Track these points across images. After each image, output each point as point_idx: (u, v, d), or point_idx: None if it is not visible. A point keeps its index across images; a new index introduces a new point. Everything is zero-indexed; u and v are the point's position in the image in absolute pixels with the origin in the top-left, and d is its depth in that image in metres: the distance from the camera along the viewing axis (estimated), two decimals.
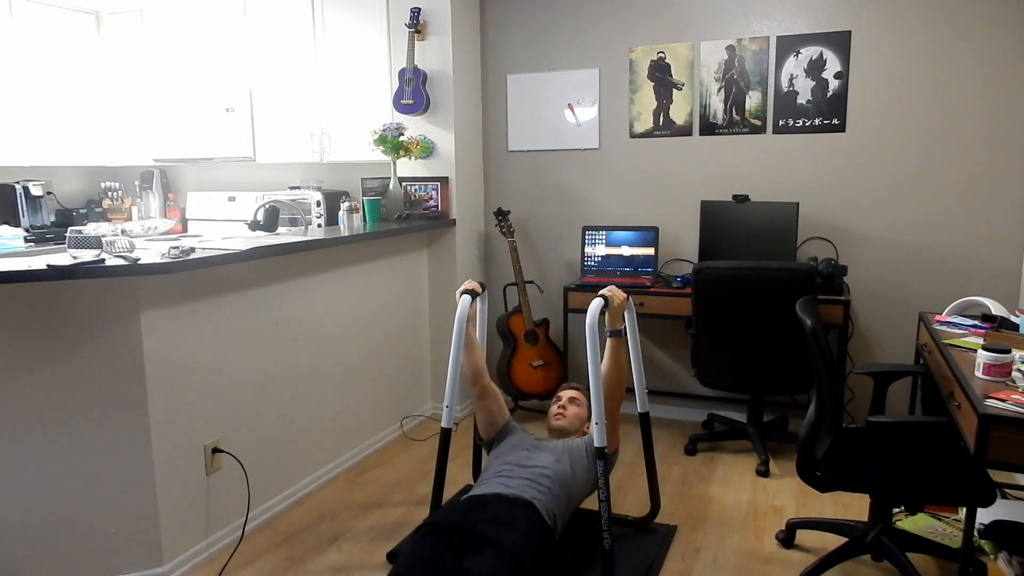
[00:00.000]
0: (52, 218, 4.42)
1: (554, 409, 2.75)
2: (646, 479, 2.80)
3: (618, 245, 3.85)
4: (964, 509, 2.56)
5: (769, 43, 3.57)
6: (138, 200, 4.74)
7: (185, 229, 4.63)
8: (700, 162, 3.79)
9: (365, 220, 3.75)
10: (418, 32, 3.78)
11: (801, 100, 3.54)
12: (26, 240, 3.98)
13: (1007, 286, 3.32)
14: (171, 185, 4.84)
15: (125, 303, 2.27)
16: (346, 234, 3.19)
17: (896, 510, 2.80)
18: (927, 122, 3.37)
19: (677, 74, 3.77)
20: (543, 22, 4.01)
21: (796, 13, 3.51)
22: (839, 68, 3.46)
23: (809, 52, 3.50)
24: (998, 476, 3.09)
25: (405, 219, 3.82)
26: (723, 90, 3.69)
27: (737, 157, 3.72)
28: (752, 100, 3.64)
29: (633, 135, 3.91)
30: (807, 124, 3.56)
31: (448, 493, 3.00)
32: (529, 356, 3.92)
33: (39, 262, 2.21)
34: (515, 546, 2.02)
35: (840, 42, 3.44)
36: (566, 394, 2.80)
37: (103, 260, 2.21)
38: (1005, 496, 2.90)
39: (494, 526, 2.09)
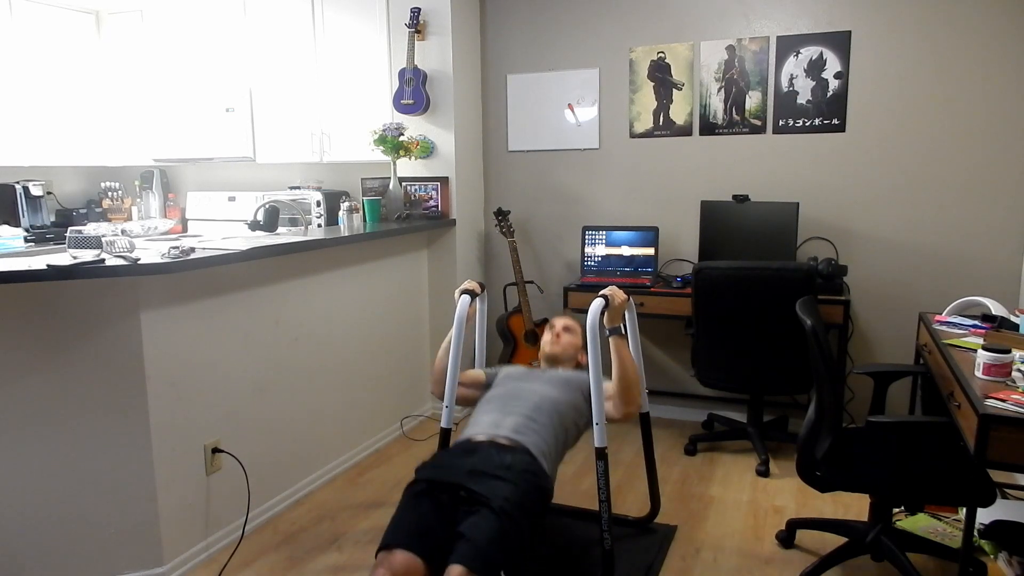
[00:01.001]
0: (52, 218, 4.42)
1: (547, 337, 2.66)
2: (646, 479, 2.80)
3: (618, 245, 3.85)
4: (964, 509, 2.56)
5: (769, 43, 3.57)
6: (138, 200, 4.74)
7: (185, 229, 4.63)
8: (700, 162, 3.79)
9: (365, 220, 3.75)
10: (418, 32, 3.78)
11: (801, 100, 3.55)
12: (26, 240, 3.98)
13: (1007, 286, 3.32)
14: (171, 185, 4.84)
15: (125, 303, 2.27)
16: (346, 234, 3.18)
17: (896, 510, 2.80)
18: (927, 122, 3.37)
19: (677, 74, 3.77)
20: (543, 22, 4.01)
21: (796, 13, 3.51)
22: (839, 68, 3.46)
23: (809, 52, 3.50)
24: (998, 476, 3.09)
25: (405, 219, 3.82)
26: (723, 90, 3.69)
27: (737, 157, 3.72)
28: (752, 100, 3.64)
29: (633, 135, 3.91)
30: (807, 124, 3.56)
31: None
32: (529, 356, 3.92)
33: (39, 262, 2.21)
34: (508, 503, 1.95)
35: (840, 42, 3.44)
36: (560, 322, 2.71)
37: (103, 260, 2.21)
38: (1005, 496, 2.90)
39: (486, 480, 2.02)
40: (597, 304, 2.31)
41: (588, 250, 3.89)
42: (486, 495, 1.97)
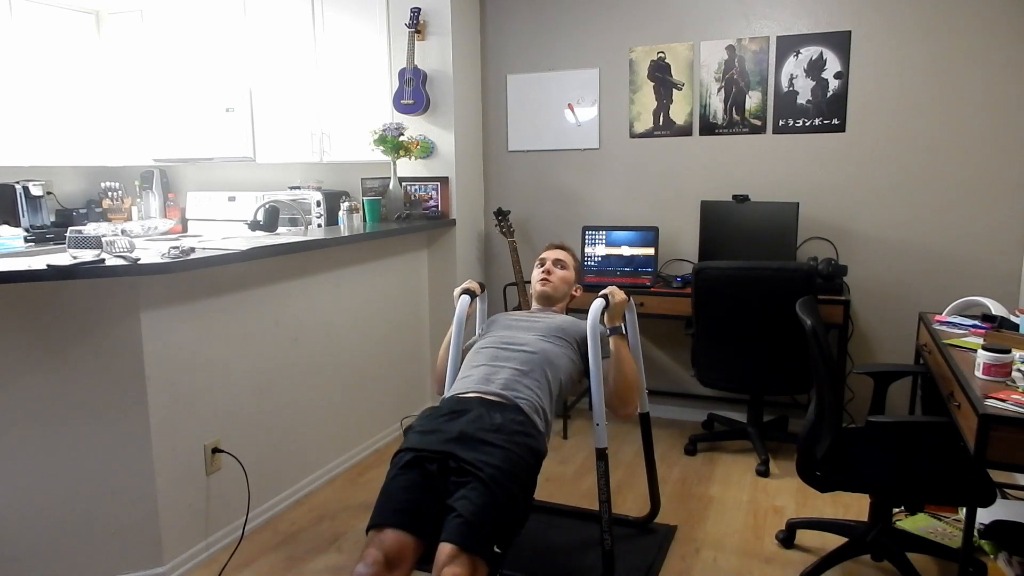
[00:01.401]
0: (52, 218, 4.42)
1: (538, 274, 2.55)
2: (646, 479, 2.79)
3: (618, 245, 3.84)
4: (964, 509, 2.56)
5: (769, 43, 3.57)
6: (138, 200, 4.74)
7: (185, 229, 4.63)
8: (700, 162, 3.79)
9: (365, 220, 3.75)
10: (418, 32, 3.78)
11: (801, 100, 3.54)
12: (26, 240, 3.98)
13: (1007, 286, 3.32)
14: (171, 185, 4.84)
15: (125, 303, 2.27)
16: (346, 234, 3.19)
17: (896, 510, 2.80)
18: (927, 122, 3.37)
19: (677, 74, 3.77)
20: (543, 22, 4.01)
21: (796, 13, 3.51)
22: (839, 68, 3.46)
23: (809, 52, 3.50)
24: (998, 476, 3.09)
25: (405, 219, 3.82)
26: (723, 90, 3.69)
27: (737, 157, 3.71)
28: (752, 100, 3.64)
29: (633, 135, 3.91)
30: (807, 124, 3.56)
31: None
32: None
33: (39, 262, 2.21)
34: (499, 472, 1.88)
35: (840, 42, 3.44)
36: (551, 255, 2.59)
37: (103, 260, 2.21)
38: (1005, 496, 2.90)
39: (476, 446, 1.94)
40: (597, 304, 2.30)
41: (588, 250, 3.89)
42: (476, 464, 1.89)
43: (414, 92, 3.80)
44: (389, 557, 1.79)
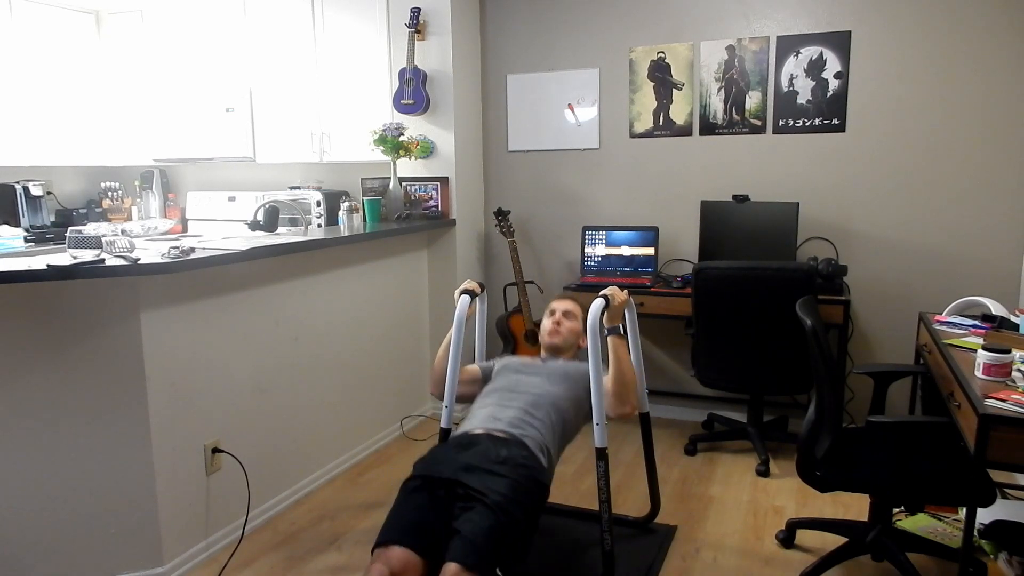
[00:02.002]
0: (52, 218, 4.42)
1: (548, 325, 2.63)
2: (646, 479, 2.80)
3: (618, 245, 3.85)
4: (964, 509, 2.56)
5: (769, 43, 3.57)
6: (138, 200, 4.74)
7: (185, 229, 4.63)
8: (700, 162, 3.79)
9: (365, 220, 3.75)
10: (418, 32, 3.78)
11: (801, 100, 3.55)
12: (26, 240, 3.98)
13: (1007, 286, 3.32)
14: (171, 185, 4.84)
15: (125, 303, 2.27)
16: (346, 234, 3.19)
17: (896, 510, 2.80)
18: (927, 122, 3.37)
19: (677, 74, 3.77)
20: (543, 22, 4.01)
21: (796, 13, 3.51)
22: (839, 68, 3.46)
23: (809, 52, 3.50)
24: (998, 476, 3.09)
25: (405, 219, 3.82)
26: (723, 90, 3.69)
27: (737, 157, 3.72)
28: (752, 100, 3.64)
29: (633, 135, 3.91)
30: (807, 124, 3.56)
31: None
32: (529, 356, 3.91)
33: (39, 262, 2.21)
34: (503, 498, 1.95)
35: (840, 42, 3.44)
36: (560, 306, 2.66)
37: (103, 260, 2.21)
38: (1005, 496, 2.90)
39: (481, 475, 2.02)
40: (597, 304, 2.31)
41: (588, 250, 3.89)
42: (482, 490, 1.96)
43: (414, 92, 3.80)
44: (395, 574, 1.85)
